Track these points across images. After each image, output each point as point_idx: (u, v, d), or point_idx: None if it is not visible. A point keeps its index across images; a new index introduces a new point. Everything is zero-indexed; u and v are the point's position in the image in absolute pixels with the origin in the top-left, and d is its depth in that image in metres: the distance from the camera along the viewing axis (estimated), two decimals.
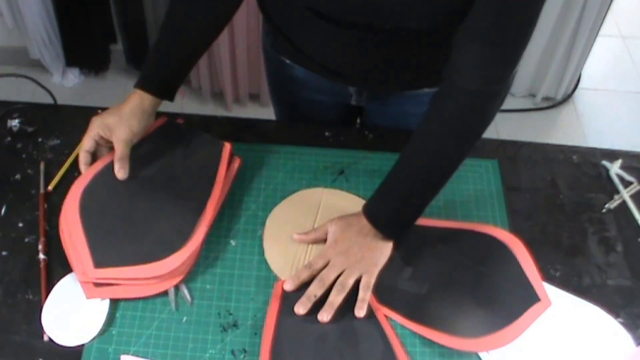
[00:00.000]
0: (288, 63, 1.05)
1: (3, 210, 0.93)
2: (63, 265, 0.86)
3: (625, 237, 0.95)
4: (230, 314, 0.84)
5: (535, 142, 1.08)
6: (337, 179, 1.00)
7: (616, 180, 1.02)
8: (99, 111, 1.05)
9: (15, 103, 1.07)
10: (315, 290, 0.83)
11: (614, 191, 1.01)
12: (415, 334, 0.83)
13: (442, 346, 0.81)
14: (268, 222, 0.94)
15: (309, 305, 0.82)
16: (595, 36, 2.18)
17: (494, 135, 2.25)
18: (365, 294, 0.84)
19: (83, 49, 2.25)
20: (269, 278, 0.88)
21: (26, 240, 0.89)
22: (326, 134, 1.06)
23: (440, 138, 0.83)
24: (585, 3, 2.04)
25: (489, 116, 0.83)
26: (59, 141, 1.01)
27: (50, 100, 1.06)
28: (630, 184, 1.02)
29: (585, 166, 1.05)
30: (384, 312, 0.84)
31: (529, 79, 2.35)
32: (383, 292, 0.86)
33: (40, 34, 2.14)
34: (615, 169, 1.03)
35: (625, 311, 0.87)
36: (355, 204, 0.96)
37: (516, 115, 2.35)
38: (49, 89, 1.09)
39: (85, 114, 1.05)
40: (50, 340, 0.79)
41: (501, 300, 0.85)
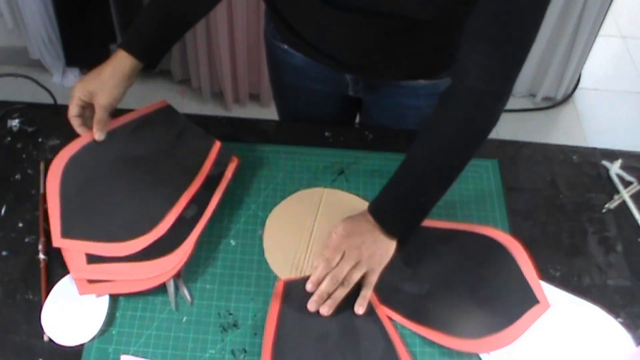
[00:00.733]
0: (287, 50, 1.06)
1: (3, 210, 0.93)
2: (63, 265, 0.86)
3: (625, 237, 0.95)
4: (230, 314, 0.84)
5: (535, 142, 1.08)
6: (337, 179, 1.00)
7: (616, 180, 1.02)
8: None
9: (15, 103, 1.07)
10: (327, 288, 0.82)
11: (614, 191, 1.01)
12: (415, 334, 0.83)
13: (443, 346, 0.81)
14: (268, 222, 0.94)
15: (320, 302, 0.82)
16: (595, 36, 2.18)
17: (494, 135, 2.23)
18: (367, 292, 0.84)
19: (83, 49, 2.25)
20: (269, 278, 0.88)
21: (26, 240, 0.89)
22: (326, 134, 1.06)
23: (448, 137, 0.83)
24: (585, 3, 2.04)
25: (496, 115, 0.83)
26: (59, 141, 1.01)
27: (50, 100, 1.06)
28: (630, 184, 1.02)
29: (585, 166, 1.05)
30: (384, 312, 0.84)
31: (529, 79, 2.35)
32: (383, 292, 0.86)
33: (40, 34, 2.14)
34: (615, 169, 1.03)
35: (625, 311, 0.87)
36: (355, 204, 0.96)
37: (516, 115, 2.35)
38: (49, 89, 1.09)
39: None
40: (50, 340, 0.79)
41: (500, 301, 0.85)
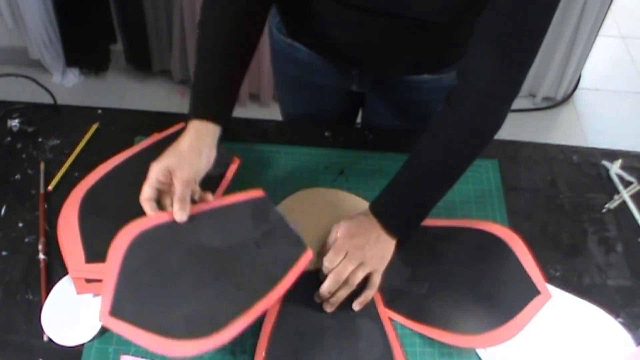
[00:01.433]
0: (292, 44, 1.06)
1: (3, 210, 0.93)
2: (63, 265, 0.85)
3: (625, 237, 0.95)
4: None
5: (535, 142, 1.08)
6: (337, 179, 1.00)
7: (616, 180, 1.02)
8: (99, 111, 1.06)
9: (15, 103, 1.07)
10: (331, 287, 0.82)
11: (614, 191, 1.01)
12: (415, 334, 0.83)
13: (443, 346, 0.81)
14: None
15: (320, 301, 0.83)
16: (595, 36, 2.18)
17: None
18: (371, 292, 0.84)
19: (83, 49, 2.25)
20: None
21: (26, 240, 0.89)
22: (326, 134, 1.06)
23: (454, 137, 0.84)
24: (585, 3, 2.04)
25: (501, 118, 0.84)
26: (59, 141, 1.01)
27: (50, 100, 1.06)
28: (630, 184, 1.02)
29: (585, 166, 1.05)
30: (386, 314, 0.85)
31: (529, 79, 2.35)
32: (385, 294, 0.86)
33: (40, 34, 2.14)
34: (615, 169, 1.03)
35: (625, 311, 0.87)
36: (355, 204, 0.96)
37: (516, 115, 2.35)
38: (49, 89, 1.09)
39: (85, 114, 1.06)
40: (50, 340, 0.79)
41: (501, 296, 0.85)
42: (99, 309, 0.81)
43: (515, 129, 2.28)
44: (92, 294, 0.83)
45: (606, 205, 0.99)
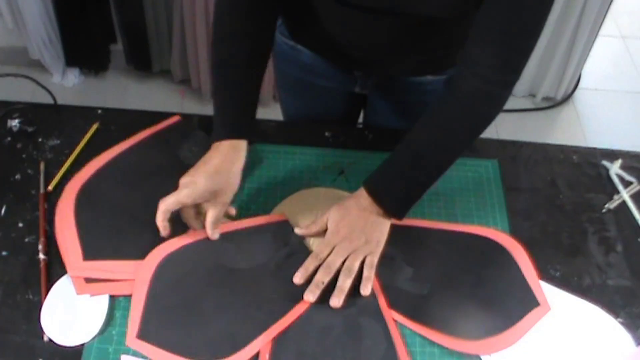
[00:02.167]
0: (295, 46, 1.06)
1: (3, 210, 0.93)
2: (63, 265, 0.85)
3: (625, 237, 0.95)
4: None
5: (535, 142, 1.08)
6: (337, 179, 1.00)
7: (616, 180, 1.02)
8: (99, 111, 1.06)
9: (15, 103, 1.07)
10: (322, 277, 0.83)
11: (614, 191, 1.01)
12: (415, 334, 0.83)
13: (442, 346, 0.81)
14: None
15: (317, 292, 0.82)
16: (595, 36, 2.18)
17: (494, 135, 2.25)
18: (370, 273, 0.84)
19: (83, 49, 2.25)
20: None
21: (26, 240, 0.89)
22: (326, 134, 1.06)
23: (452, 119, 0.84)
24: (585, 3, 2.04)
25: (500, 104, 0.84)
26: (59, 141, 1.01)
27: (50, 100, 1.06)
28: (630, 184, 1.02)
29: (585, 166, 1.05)
30: (391, 315, 0.84)
31: (529, 79, 2.35)
32: (387, 293, 0.86)
33: (40, 34, 2.14)
34: (615, 169, 1.03)
35: (625, 311, 0.87)
36: None
37: (516, 115, 2.35)
38: (49, 89, 1.09)
39: (85, 114, 1.06)
40: (50, 340, 0.79)
41: (501, 303, 0.85)
42: (100, 309, 0.82)
43: (515, 129, 2.29)
44: (91, 294, 0.83)
45: (606, 205, 0.99)
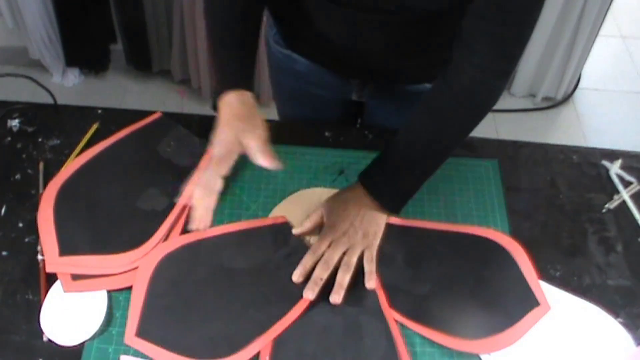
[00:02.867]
0: (291, 56, 1.05)
1: (3, 210, 0.93)
2: None
3: (625, 237, 0.95)
4: None
5: (535, 142, 1.08)
6: (337, 179, 1.00)
7: (616, 180, 1.02)
8: (99, 111, 1.06)
9: (15, 103, 1.07)
10: (320, 273, 0.83)
11: (614, 191, 1.01)
12: (415, 334, 0.83)
13: (442, 346, 0.81)
14: None
15: (316, 289, 0.82)
16: (595, 36, 2.18)
17: (494, 135, 2.25)
18: (371, 266, 0.85)
19: (83, 49, 2.25)
20: None
21: (26, 240, 0.89)
22: (326, 134, 1.06)
23: (448, 110, 0.83)
24: (585, 3, 2.04)
25: (497, 93, 0.83)
26: (59, 141, 1.01)
27: (50, 100, 1.06)
28: (630, 184, 1.02)
29: (585, 166, 1.05)
30: (392, 315, 0.84)
31: (529, 79, 2.35)
32: (387, 292, 0.86)
33: (40, 34, 2.14)
34: (615, 169, 1.03)
35: (625, 311, 0.87)
36: None
37: (516, 115, 2.35)
38: (49, 89, 1.09)
39: (85, 114, 1.06)
40: (50, 340, 0.79)
41: (501, 303, 0.85)
42: (99, 309, 0.82)
43: (515, 129, 2.29)
44: (78, 291, 0.83)
45: (606, 205, 0.99)
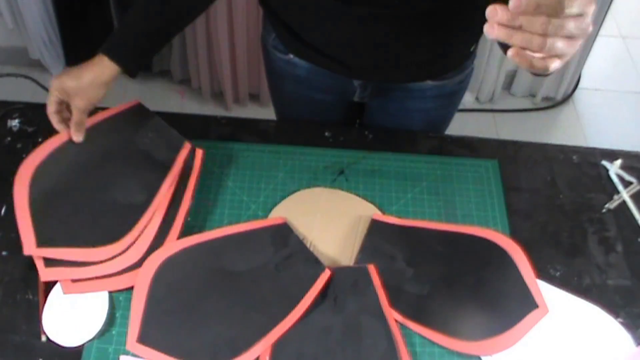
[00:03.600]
0: (291, 60, 1.05)
1: (3, 210, 0.93)
2: None
3: (625, 237, 0.95)
4: None
5: (535, 142, 1.08)
6: (337, 179, 1.00)
7: (616, 180, 1.02)
8: (98, 111, 1.06)
9: (15, 103, 1.07)
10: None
11: (614, 191, 1.01)
12: (415, 334, 0.83)
13: (443, 347, 0.82)
14: None
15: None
16: (595, 36, 2.18)
17: (494, 135, 2.25)
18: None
19: (83, 49, 2.24)
20: None
21: None
22: (326, 134, 1.06)
23: None
24: None
25: None
26: None
27: None
28: (630, 184, 1.02)
29: (585, 166, 1.05)
30: (392, 314, 0.85)
31: (529, 79, 2.35)
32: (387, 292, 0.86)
33: (40, 34, 2.14)
34: (615, 169, 1.03)
35: (625, 311, 0.87)
36: (355, 204, 0.96)
37: (516, 115, 2.35)
38: (49, 89, 1.09)
39: None
40: (50, 340, 0.79)
41: (500, 305, 0.85)
42: (100, 309, 0.82)
43: (515, 129, 2.29)
44: (78, 293, 0.83)
45: (606, 205, 0.99)
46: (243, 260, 0.87)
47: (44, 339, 0.80)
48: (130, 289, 0.84)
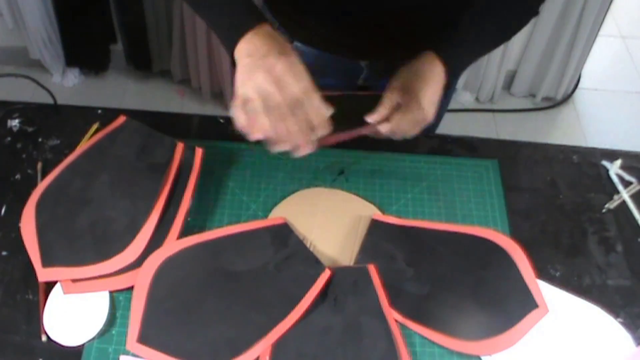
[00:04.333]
0: (297, 48, 1.05)
1: (3, 210, 0.93)
2: None
3: (625, 237, 0.96)
4: None
5: (535, 142, 1.08)
6: (337, 179, 1.00)
7: (616, 180, 1.02)
8: (99, 111, 1.06)
9: (15, 103, 1.07)
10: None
11: (614, 191, 1.01)
12: (415, 334, 0.83)
13: (443, 346, 0.82)
14: None
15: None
16: (595, 36, 2.18)
17: (494, 135, 2.25)
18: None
19: (83, 49, 2.25)
20: None
21: None
22: None
23: (508, 8, 0.88)
24: (585, 3, 2.04)
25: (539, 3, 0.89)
26: (59, 141, 1.01)
27: (50, 100, 1.06)
28: (630, 184, 1.02)
29: (585, 166, 1.05)
30: (392, 314, 0.84)
31: (529, 79, 2.35)
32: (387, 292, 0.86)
33: (40, 34, 2.14)
34: (615, 169, 1.03)
35: (625, 311, 0.87)
36: (355, 204, 0.96)
37: (516, 115, 2.35)
38: (49, 89, 1.09)
39: (85, 114, 1.06)
40: (50, 340, 0.79)
41: (500, 305, 0.85)
42: (100, 309, 0.82)
43: (515, 129, 2.29)
44: (79, 293, 0.83)
45: (606, 205, 0.99)
46: (243, 260, 0.87)
47: (44, 338, 0.80)
48: (130, 289, 0.84)
